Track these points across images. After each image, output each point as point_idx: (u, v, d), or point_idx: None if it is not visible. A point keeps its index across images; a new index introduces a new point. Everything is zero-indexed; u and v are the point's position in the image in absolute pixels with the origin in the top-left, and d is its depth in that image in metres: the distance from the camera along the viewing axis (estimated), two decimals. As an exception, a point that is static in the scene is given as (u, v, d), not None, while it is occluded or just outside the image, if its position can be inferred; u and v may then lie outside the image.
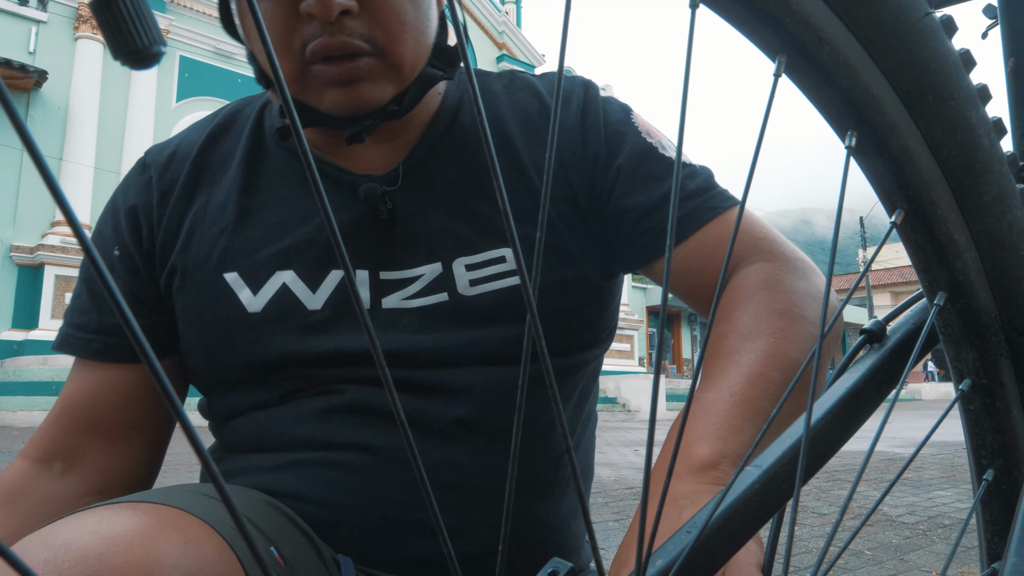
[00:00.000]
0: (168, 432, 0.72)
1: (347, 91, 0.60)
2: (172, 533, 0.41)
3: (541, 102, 0.71)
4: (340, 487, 0.61)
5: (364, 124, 0.63)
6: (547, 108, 0.70)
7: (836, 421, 0.46)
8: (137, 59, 0.18)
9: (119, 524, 0.40)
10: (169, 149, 0.73)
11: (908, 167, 0.38)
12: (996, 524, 0.48)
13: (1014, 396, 0.45)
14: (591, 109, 0.70)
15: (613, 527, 3.32)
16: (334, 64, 0.59)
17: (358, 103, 0.61)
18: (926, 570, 2.56)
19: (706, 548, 0.40)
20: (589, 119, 0.69)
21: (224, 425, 0.69)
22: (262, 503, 0.57)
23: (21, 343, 12.08)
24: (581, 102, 0.70)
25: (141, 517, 0.41)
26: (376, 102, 0.62)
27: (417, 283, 0.65)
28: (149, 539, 0.39)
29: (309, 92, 0.61)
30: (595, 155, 0.68)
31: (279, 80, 0.16)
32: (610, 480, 4.86)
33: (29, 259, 12.55)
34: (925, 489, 4.61)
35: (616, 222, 0.67)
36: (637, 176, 0.67)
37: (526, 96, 0.71)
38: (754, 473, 0.42)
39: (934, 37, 0.35)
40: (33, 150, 0.14)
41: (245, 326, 0.65)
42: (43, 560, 0.36)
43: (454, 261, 0.65)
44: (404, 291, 0.65)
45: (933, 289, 0.43)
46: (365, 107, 0.61)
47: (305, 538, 0.57)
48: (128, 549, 0.38)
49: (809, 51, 0.33)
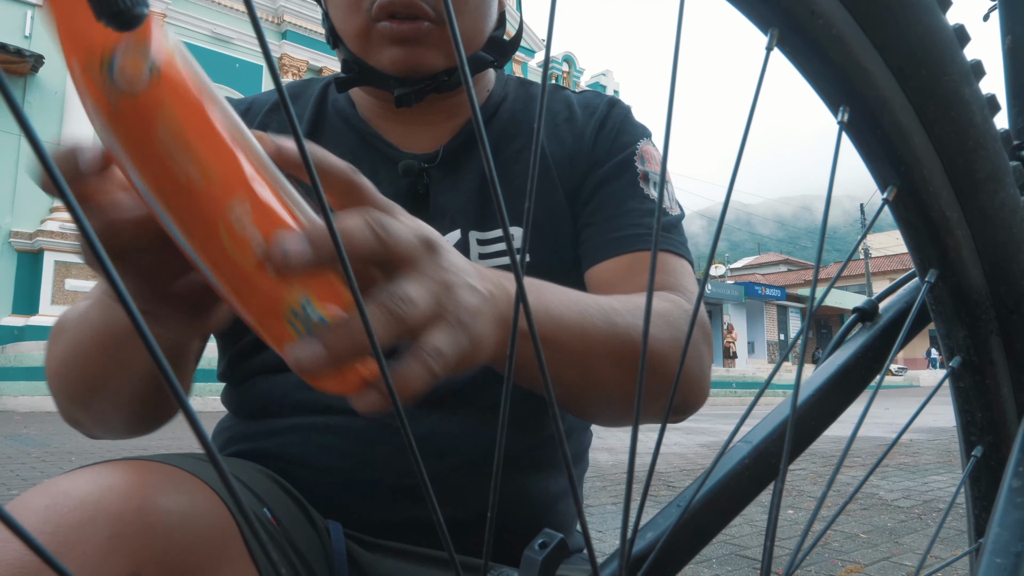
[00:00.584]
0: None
1: (405, 50, 0.66)
2: (168, 485, 0.43)
3: (570, 111, 0.78)
4: (333, 450, 0.63)
5: (415, 87, 0.69)
6: (575, 117, 0.77)
7: (827, 398, 0.46)
8: (120, 20, 0.18)
9: (117, 475, 0.42)
10: (246, 104, 0.79)
11: (900, 143, 0.38)
12: (984, 500, 0.49)
13: (1004, 373, 0.45)
14: (607, 124, 0.77)
15: (611, 511, 3.35)
16: (397, 22, 0.64)
17: (413, 63, 0.66)
18: (920, 552, 2.58)
19: (695, 522, 0.41)
20: (603, 132, 0.76)
21: (235, 391, 0.72)
22: (256, 471, 0.59)
23: (22, 328, 12.09)
24: (602, 116, 0.77)
25: (138, 470, 0.43)
26: (429, 68, 0.67)
27: None
28: (145, 488, 0.41)
29: (371, 49, 0.67)
30: (595, 161, 0.74)
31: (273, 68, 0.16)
32: (608, 465, 4.89)
33: (28, 245, 12.54)
34: (921, 474, 4.63)
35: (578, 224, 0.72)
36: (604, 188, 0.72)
37: (559, 104, 0.79)
38: (744, 448, 0.42)
39: (928, 12, 0.35)
40: (32, 137, 0.14)
41: None
42: (43, 506, 0.38)
43: (469, 231, 0.71)
44: None
45: (925, 266, 0.43)
46: (419, 69, 0.67)
47: (298, 506, 0.59)
48: (125, 496, 0.40)
49: (801, 24, 0.33)
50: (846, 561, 2.48)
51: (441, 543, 0.21)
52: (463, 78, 0.19)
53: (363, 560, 0.61)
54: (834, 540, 2.79)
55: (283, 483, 0.60)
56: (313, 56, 16.43)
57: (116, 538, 0.38)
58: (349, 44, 0.68)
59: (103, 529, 0.38)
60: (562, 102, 0.80)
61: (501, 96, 0.79)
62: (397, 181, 0.72)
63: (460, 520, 0.63)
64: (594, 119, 0.77)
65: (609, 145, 0.75)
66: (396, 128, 0.75)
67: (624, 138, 0.76)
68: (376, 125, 0.76)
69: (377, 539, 0.62)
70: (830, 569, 2.39)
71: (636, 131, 0.77)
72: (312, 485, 0.62)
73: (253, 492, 0.54)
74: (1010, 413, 0.46)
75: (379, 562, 0.61)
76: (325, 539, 0.59)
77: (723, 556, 2.52)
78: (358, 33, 0.66)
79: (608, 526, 3.02)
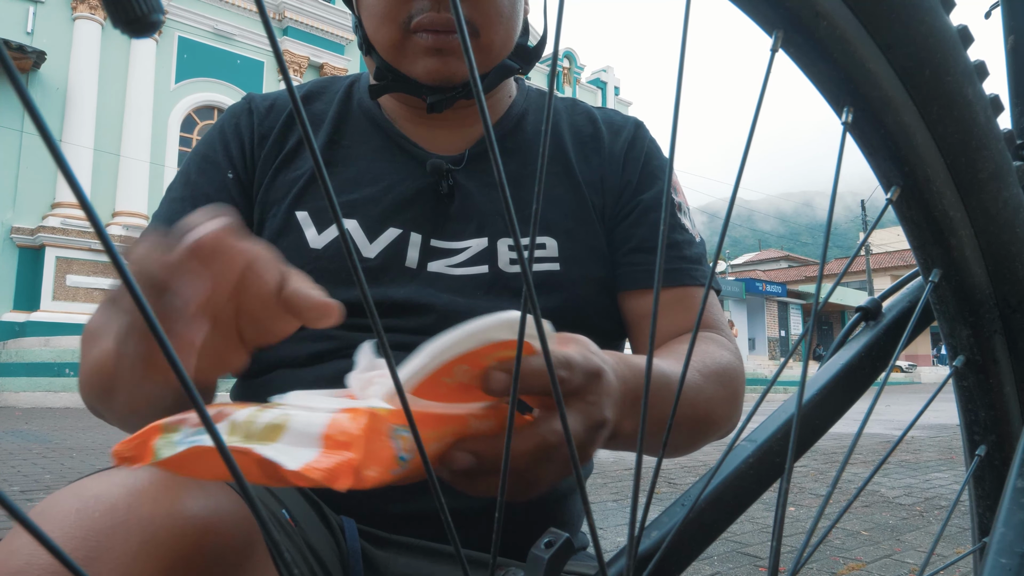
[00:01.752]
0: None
1: (440, 60, 0.68)
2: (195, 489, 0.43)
3: (595, 127, 0.81)
4: None
5: (447, 95, 0.71)
6: (600, 133, 0.80)
7: (831, 396, 0.46)
8: (136, 27, 0.18)
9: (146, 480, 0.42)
10: (269, 100, 0.81)
11: (904, 143, 0.38)
12: (988, 499, 0.49)
13: (1007, 372, 0.46)
14: (637, 145, 0.79)
15: (612, 507, 3.35)
16: (433, 35, 0.67)
17: (447, 73, 0.69)
18: (922, 550, 2.58)
19: (700, 521, 0.41)
20: (633, 152, 0.79)
21: (252, 382, 0.72)
22: None
23: (23, 324, 12.12)
24: (630, 137, 0.80)
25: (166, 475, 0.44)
26: (461, 77, 0.70)
27: (463, 254, 0.72)
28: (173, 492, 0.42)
29: (405, 59, 0.70)
30: (627, 182, 0.77)
31: (282, 63, 0.17)
32: (609, 461, 4.89)
33: (30, 241, 12.55)
34: (922, 471, 4.63)
35: (618, 244, 0.75)
36: (650, 216, 0.75)
37: (582, 120, 0.82)
38: (748, 447, 0.43)
39: (931, 13, 0.35)
40: (45, 132, 0.14)
41: (304, 259, 0.70)
42: (75, 510, 0.39)
43: (499, 239, 0.72)
44: (450, 259, 0.72)
45: (928, 266, 0.44)
46: (451, 79, 0.70)
47: (311, 504, 0.59)
48: (154, 500, 0.40)
49: (805, 25, 0.33)
50: (848, 559, 2.49)
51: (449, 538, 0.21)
52: (476, 94, 0.19)
53: (376, 557, 0.61)
54: (836, 538, 2.79)
55: None
56: (314, 52, 16.42)
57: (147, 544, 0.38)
58: (383, 53, 0.70)
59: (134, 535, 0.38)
60: (584, 117, 0.82)
61: (524, 107, 0.82)
62: (421, 180, 0.74)
63: (467, 514, 0.63)
64: (622, 139, 0.79)
65: (641, 169, 0.78)
66: (422, 131, 0.77)
67: (656, 163, 0.79)
68: (402, 127, 0.78)
69: (389, 534, 0.63)
70: (832, 567, 2.39)
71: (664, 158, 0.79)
72: None
73: (271, 492, 0.54)
74: (1013, 412, 0.46)
75: (392, 559, 0.61)
76: (339, 537, 0.59)
77: (724, 553, 2.52)
78: (393, 44, 0.69)
79: (610, 523, 3.02)
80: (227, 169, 0.76)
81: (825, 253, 0.37)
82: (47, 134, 0.15)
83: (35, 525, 0.13)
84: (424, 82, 0.70)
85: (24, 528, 0.14)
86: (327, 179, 0.19)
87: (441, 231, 0.73)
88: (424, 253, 0.72)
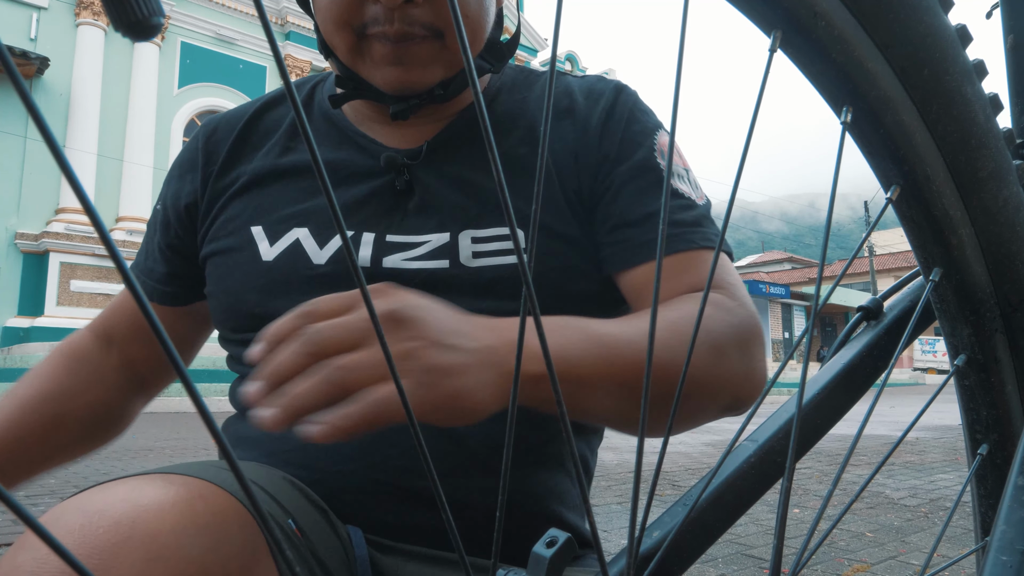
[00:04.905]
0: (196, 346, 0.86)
1: (400, 70, 0.64)
2: (199, 503, 0.43)
3: (571, 99, 0.74)
4: (342, 453, 0.62)
5: (410, 103, 0.68)
6: (576, 106, 0.73)
7: (832, 396, 0.46)
8: (137, 30, 0.18)
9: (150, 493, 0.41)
10: (214, 123, 0.81)
11: (903, 142, 0.38)
12: (990, 498, 0.49)
13: (1008, 371, 0.46)
14: (615, 113, 0.72)
15: (616, 510, 3.35)
16: (390, 43, 0.63)
17: (407, 82, 0.65)
18: (926, 551, 2.58)
19: (701, 521, 0.41)
20: (611, 122, 0.71)
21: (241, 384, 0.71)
22: (279, 478, 0.59)
23: (27, 330, 12.15)
24: (609, 104, 0.73)
25: (170, 488, 0.43)
26: (425, 84, 0.66)
27: (422, 247, 0.68)
28: (178, 508, 0.41)
29: (364, 65, 0.66)
30: (604, 156, 0.70)
31: (283, 67, 0.17)
32: (613, 464, 4.89)
33: (34, 246, 12.59)
34: (927, 472, 4.62)
35: (599, 224, 0.69)
36: (629, 187, 0.69)
37: (558, 91, 0.75)
38: (750, 447, 0.43)
39: (930, 12, 0.35)
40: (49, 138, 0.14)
41: (258, 272, 0.69)
42: (79, 525, 0.38)
43: (460, 232, 0.68)
44: (407, 252, 0.68)
45: (929, 265, 0.44)
46: (413, 87, 0.66)
47: (319, 512, 0.58)
48: (159, 517, 0.40)
49: (804, 25, 0.33)
50: (852, 560, 2.48)
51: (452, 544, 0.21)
52: (478, 107, 0.19)
53: (383, 565, 0.60)
54: (840, 539, 2.79)
55: (304, 488, 0.60)
56: (316, 56, 16.44)
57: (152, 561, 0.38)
58: (342, 58, 0.67)
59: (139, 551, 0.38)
60: (562, 89, 0.75)
61: (495, 87, 0.76)
62: (376, 177, 0.70)
63: (469, 517, 0.63)
64: (599, 108, 0.72)
65: (620, 137, 0.70)
66: (383, 128, 0.74)
67: (636, 128, 0.71)
68: (360, 123, 0.75)
69: (394, 541, 0.62)
70: (836, 568, 2.39)
71: (649, 121, 0.73)
72: (325, 491, 0.62)
73: (277, 502, 0.53)
74: (1015, 411, 0.46)
75: (400, 566, 0.61)
76: (347, 546, 0.58)
77: (729, 555, 2.52)
78: (350, 48, 0.65)
79: (613, 525, 3.02)
80: (159, 201, 0.81)
81: (824, 253, 0.37)
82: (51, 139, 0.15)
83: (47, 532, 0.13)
84: (385, 91, 0.67)
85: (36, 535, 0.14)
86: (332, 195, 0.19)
87: (399, 226, 0.69)
88: (378, 249, 0.68)
